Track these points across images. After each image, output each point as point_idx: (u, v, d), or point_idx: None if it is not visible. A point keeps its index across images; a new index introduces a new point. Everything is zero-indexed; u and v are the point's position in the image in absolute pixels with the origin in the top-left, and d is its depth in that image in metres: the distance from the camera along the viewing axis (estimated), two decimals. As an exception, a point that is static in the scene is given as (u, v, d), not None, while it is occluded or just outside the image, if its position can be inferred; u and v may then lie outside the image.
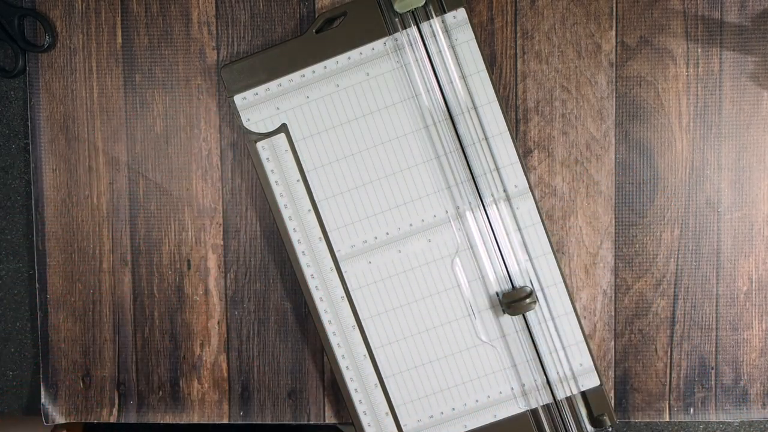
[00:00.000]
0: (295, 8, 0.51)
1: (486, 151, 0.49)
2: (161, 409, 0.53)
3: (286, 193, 0.50)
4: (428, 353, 0.50)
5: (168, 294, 0.52)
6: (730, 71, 0.50)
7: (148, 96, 0.52)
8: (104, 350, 0.53)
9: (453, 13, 0.49)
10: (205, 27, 0.51)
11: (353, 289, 0.50)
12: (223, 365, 0.52)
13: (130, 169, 0.52)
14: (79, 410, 0.53)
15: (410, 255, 0.50)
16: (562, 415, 0.49)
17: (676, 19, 0.50)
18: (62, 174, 0.52)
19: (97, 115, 0.52)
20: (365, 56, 0.49)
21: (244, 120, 0.50)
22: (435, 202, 0.50)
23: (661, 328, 0.51)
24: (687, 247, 0.51)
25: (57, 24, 0.51)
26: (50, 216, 0.52)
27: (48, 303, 0.52)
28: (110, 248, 0.52)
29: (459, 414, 0.50)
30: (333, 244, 0.50)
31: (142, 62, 0.51)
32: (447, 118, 0.49)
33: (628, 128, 0.50)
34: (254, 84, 0.49)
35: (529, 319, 0.49)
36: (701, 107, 0.50)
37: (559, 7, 0.50)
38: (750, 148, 0.50)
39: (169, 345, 0.53)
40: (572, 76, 0.50)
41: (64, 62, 0.52)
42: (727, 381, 0.51)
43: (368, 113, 0.50)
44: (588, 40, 0.50)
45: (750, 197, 0.50)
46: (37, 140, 0.52)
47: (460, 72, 0.49)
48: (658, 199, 0.51)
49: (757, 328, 0.51)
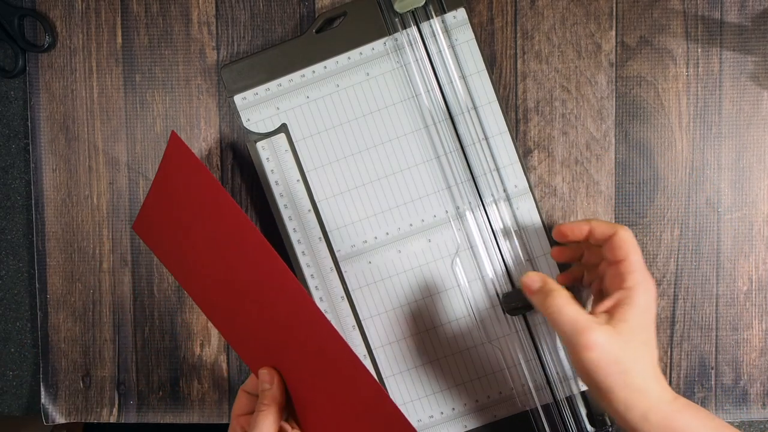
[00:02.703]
0: (295, 8, 0.51)
1: (486, 151, 0.49)
2: (161, 409, 0.53)
3: (286, 193, 0.50)
4: (428, 353, 0.50)
5: (168, 294, 0.52)
6: (730, 71, 0.50)
7: (148, 96, 0.52)
8: (104, 350, 0.53)
9: (453, 13, 0.49)
10: (205, 27, 0.51)
11: (353, 289, 0.50)
12: (223, 365, 0.52)
13: (130, 169, 0.52)
14: (79, 410, 0.53)
15: (410, 255, 0.50)
16: (562, 415, 0.49)
17: (676, 19, 0.50)
18: (62, 174, 0.52)
19: (97, 115, 0.52)
20: (365, 56, 0.49)
21: (244, 120, 0.50)
22: (435, 202, 0.50)
23: (661, 328, 0.51)
24: (687, 247, 0.51)
25: (57, 24, 0.51)
26: (50, 216, 0.52)
27: (48, 303, 0.52)
28: (110, 248, 0.52)
29: (459, 414, 0.50)
30: (333, 244, 0.50)
31: (142, 62, 0.51)
32: (447, 118, 0.49)
33: (628, 128, 0.50)
34: (254, 84, 0.49)
35: (529, 319, 0.49)
36: (701, 107, 0.50)
37: (559, 7, 0.50)
38: (750, 148, 0.50)
39: (169, 345, 0.53)
40: (572, 76, 0.50)
41: (64, 62, 0.52)
42: (727, 381, 0.51)
43: (368, 113, 0.50)
44: (588, 40, 0.50)
45: (750, 197, 0.50)
46: (37, 140, 0.52)
47: (460, 72, 0.49)
48: (658, 199, 0.51)
49: (757, 328, 0.51)
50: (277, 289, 0.41)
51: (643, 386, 0.38)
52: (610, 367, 0.38)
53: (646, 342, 0.39)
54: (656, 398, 0.38)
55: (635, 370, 0.38)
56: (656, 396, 0.38)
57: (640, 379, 0.38)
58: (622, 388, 0.38)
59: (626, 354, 0.38)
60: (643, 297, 0.40)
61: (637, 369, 0.38)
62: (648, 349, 0.39)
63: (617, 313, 0.39)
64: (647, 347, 0.39)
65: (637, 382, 0.38)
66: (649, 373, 0.38)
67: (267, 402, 0.41)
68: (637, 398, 0.38)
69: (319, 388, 0.42)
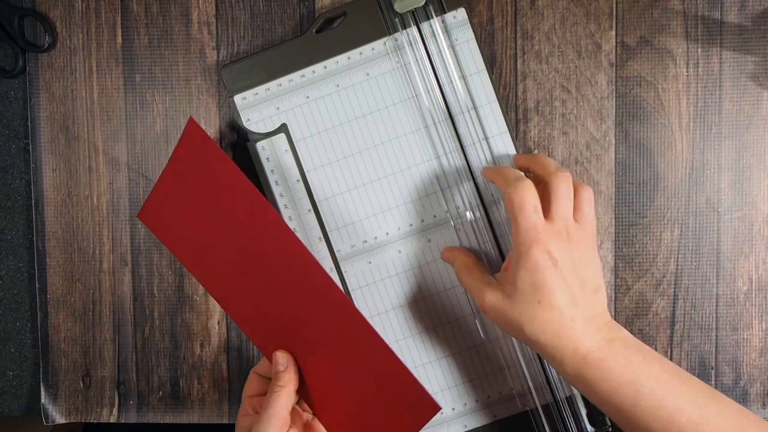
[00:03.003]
0: (295, 8, 0.51)
1: (486, 151, 0.49)
2: (161, 409, 0.53)
3: (286, 193, 0.50)
4: (428, 353, 0.50)
5: (168, 294, 0.52)
6: (730, 71, 0.50)
7: (148, 96, 0.52)
8: (104, 350, 0.53)
9: (453, 13, 0.49)
10: (205, 27, 0.51)
11: (353, 289, 0.50)
12: (223, 365, 0.52)
13: (130, 169, 0.52)
14: (79, 410, 0.53)
15: (410, 255, 0.50)
16: (562, 415, 0.49)
17: (676, 19, 0.50)
18: (62, 174, 0.52)
19: (97, 115, 0.52)
20: (365, 56, 0.49)
21: (244, 120, 0.50)
22: (435, 202, 0.50)
23: (661, 328, 0.51)
24: (687, 247, 0.51)
25: (57, 24, 0.51)
26: (50, 216, 0.52)
27: (48, 303, 0.52)
28: (110, 248, 0.52)
29: (459, 414, 0.50)
30: (333, 244, 0.50)
31: (142, 62, 0.51)
32: (447, 118, 0.49)
33: (628, 128, 0.50)
34: (254, 84, 0.49)
35: (529, 319, 0.49)
36: (701, 107, 0.50)
37: (559, 7, 0.50)
38: (750, 148, 0.50)
39: (169, 345, 0.53)
40: (572, 76, 0.50)
41: (64, 62, 0.52)
42: (727, 381, 0.51)
43: (368, 113, 0.50)
44: (588, 40, 0.50)
45: (750, 197, 0.50)
46: (37, 140, 0.52)
47: (460, 72, 0.49)
48: (658, 199, 0.51)
49: (757, 328, 0.51)
50: (296, 271, 0.41)
51: (543, 341, 0.39)
52: (505, 325, 0.41)
53: (543, 300, 0.39)
54: (568, 353, 0.39)
55: (530, 328, 0.39)
56: (566, 351, 0.39)
57: (539, 336, 0.39)
58: (524, 341, 0.40)
59: (515, 314, 0.39)
60: (534, 256, 0.40)
61: (532, 327, 0.39)
62: (544, 307, 0.39)
63: (508, 274, 0.41)
64: (542, 305, 0.39)
65: (537, 338, 0.39)
66: (548, 329, 0.39)
67: (282, 383, 0.41)
68: (544, 351, 0.40)
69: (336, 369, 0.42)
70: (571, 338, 0.39)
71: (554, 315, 0.39)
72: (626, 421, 0.38)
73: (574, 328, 0.39)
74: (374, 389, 0.41)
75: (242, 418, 0.43)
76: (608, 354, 0.39)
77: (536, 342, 0.40)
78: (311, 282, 0.41)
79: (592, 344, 0.39)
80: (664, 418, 0.36)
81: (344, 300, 0.40)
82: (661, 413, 0.36)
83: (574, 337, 0.39)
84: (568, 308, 0.39)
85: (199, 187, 0.43)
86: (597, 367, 0.38)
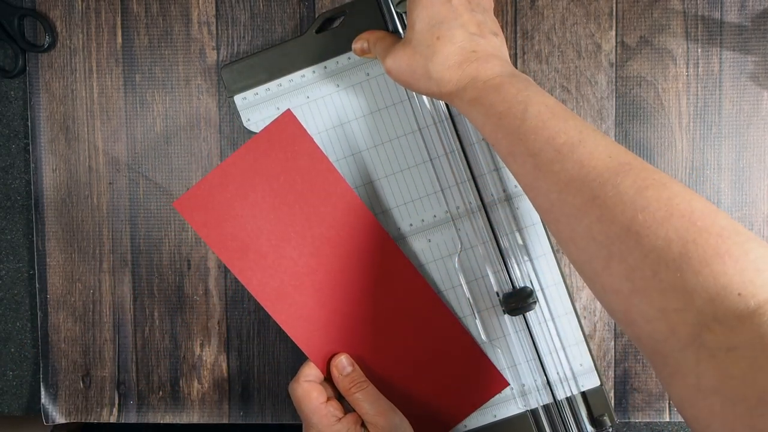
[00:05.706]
0: (295, 8, 0.51)
1: (486, 151, 0.49)
2: (161, 409, 0.53)
3: (286, 193, 0.50)
4: (428, 353, 0.50)
5: (168, 294, 0.52)
6: (730, 71, 0.50)
7: (148, 96, 0.52)
8: (104, 350, 0.53)
9: (453, 13, 0.49)
10: (205, 27, 0.51)
11: (353, 289, 0.50)
12: (223, 365, 0.52)
13: (130, 169, 0.52)
14: (79, 410, 0.53)
15: (410, 255, 0.50)
16: (562, 415, 0.49)
17: (676, 19, 0.50)
18: (62, 174, 0.52)
19: (97, 115, 0.52)
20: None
21: (244, 120, 0.50)
22: (435, 202, 0.50)
23: (661, 328, 0.51)
24: (687, 247, 0.51)
25: (57, 24, 0.51)
26: (50, 216, 0.52)
27: (48, 303, 0.52)
28: (110, 248, 0.52)
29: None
30: (333, 244, 0.50)
31: (142, 62, 0.51)
32: (447, 118, 0.49)
33: (628, 128, 0.50)
34: (254, 84, 0.49)
35: (529, 320, 0.49)
36: (701, 107, 0.50)
37: (559, 7, 0.50)
38: (750, 148, 0.50)
39: (169, 345, 0.53)
40: (572, 76, 0.50)
41: (64, 62, 0.52)
42: (727, 381, 0.51)
43: (368, 113, 0.50)
44: (588, 40, 0.50)
45: (750, 197, 0.50)
46: (37, 140, 0.52)
47: (460, 72, 0.49)
48: (658, 199, 0.50)
49: (757, 328, 0.51)
50: (381, 265, 0.47)
51: (447, 77, 0.41)
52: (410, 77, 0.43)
53: (442, 35, 0.41)
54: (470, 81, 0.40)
55: (433, 65, 0.41)
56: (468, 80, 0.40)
57: (443, 73, 0.41)
58: (429, 88, 0.42)
59: (417, 57, 0.42)
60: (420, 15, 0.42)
61: (435, 63, 0.41)
62: (443, 42, 0.41)
63: (407, 22, 0.43)
64: (442, 41, 0.41)
65: (441, 75, 0.41)
66: (451, 61, 0.41)
67: (362, 380, 0.46)
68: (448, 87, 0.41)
69: (407, 351, 0.48)
70: (473, 67, 0.40)
71: (455, 48, 0.41)
72: (510, 145, 0.39)
73: (477, 59, 0.41)
74: (444, 369, 0.48)
75: (329, 427, 0.45)
76: (508, 81, 0.39)
77: (441, 80, 0.41)
78: (393, 269, 0.47)
79: (494, 71, 0.40)
80: (544, 137, 0.37)
81: (420, 280, 0.47)
82: (543, 132, 0.37)
83: (477, 66, 0.40)
84: (467, 42, 0.41)
85: (277, 176, 0.46)
86: (495, 89, 0.39)
